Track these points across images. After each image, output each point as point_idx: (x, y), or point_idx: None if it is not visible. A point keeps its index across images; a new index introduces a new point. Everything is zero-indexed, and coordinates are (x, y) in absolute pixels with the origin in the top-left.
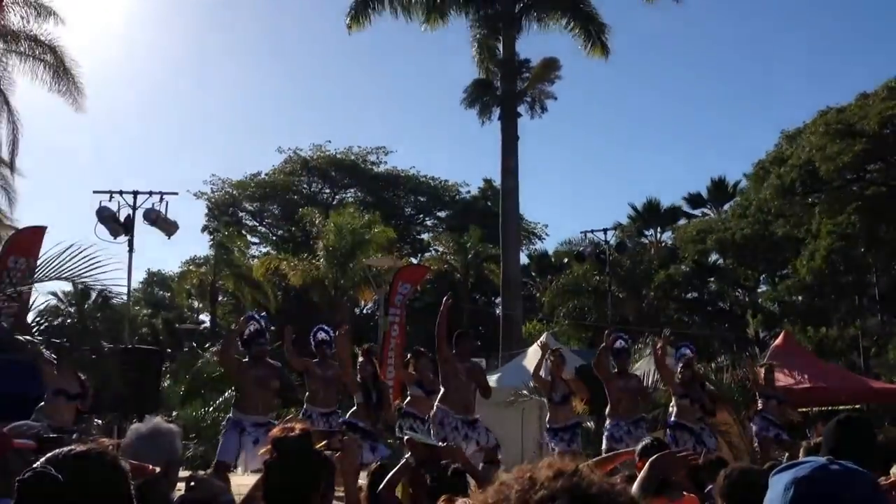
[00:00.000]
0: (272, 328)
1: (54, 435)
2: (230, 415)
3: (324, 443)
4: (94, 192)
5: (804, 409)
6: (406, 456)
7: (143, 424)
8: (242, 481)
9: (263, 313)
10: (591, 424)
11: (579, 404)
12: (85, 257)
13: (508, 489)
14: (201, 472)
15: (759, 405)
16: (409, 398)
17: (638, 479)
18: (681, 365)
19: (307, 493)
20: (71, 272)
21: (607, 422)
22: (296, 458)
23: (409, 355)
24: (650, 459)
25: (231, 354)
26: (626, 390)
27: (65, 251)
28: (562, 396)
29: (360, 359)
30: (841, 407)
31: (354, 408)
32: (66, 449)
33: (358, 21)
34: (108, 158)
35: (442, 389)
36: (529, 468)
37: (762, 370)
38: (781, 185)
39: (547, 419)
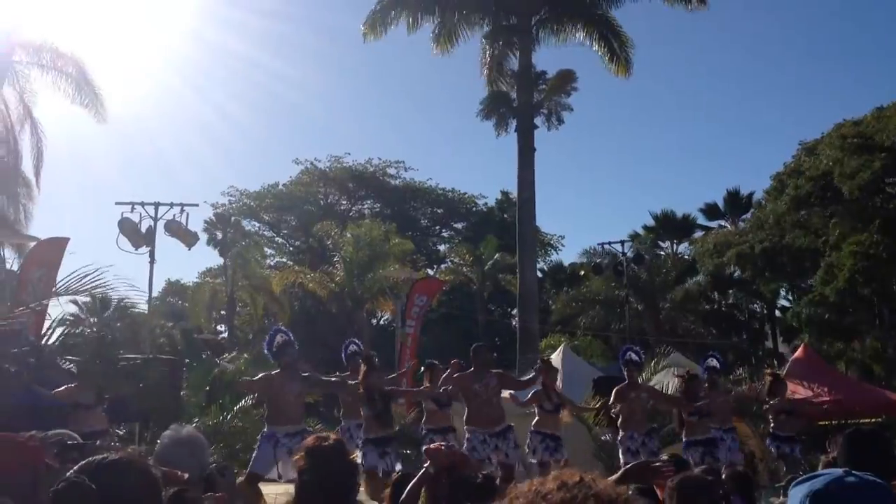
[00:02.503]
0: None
1: (80, 442)
2: (264, 429)
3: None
4: (117, 203)
5: (823, 422)
6: (426, 465)
7: (175, 431)
8: (276, 489)
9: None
10: (608, 438)
11: (567, 416)
12: (101, 274)
13: (517, 502)
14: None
15: (771, 425)
16: (424, 415)
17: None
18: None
19: (340, 499)
20: (90, 285)
21: (620, 434)
22: (330, 466)
23: (423, 368)
24: (624, 468)
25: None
26: (637, 403)
27: (87, 270)
28: (553, 406)
29: (363, 369)
30: (861, 420)
31: (364, 423)
32: (98, 457)
33: (374, 30)
34: (130, 170)
35: (466, 410)
36: (538, 482)
37: (768, 379)
38: (797, 197)
39: (534, 422)
